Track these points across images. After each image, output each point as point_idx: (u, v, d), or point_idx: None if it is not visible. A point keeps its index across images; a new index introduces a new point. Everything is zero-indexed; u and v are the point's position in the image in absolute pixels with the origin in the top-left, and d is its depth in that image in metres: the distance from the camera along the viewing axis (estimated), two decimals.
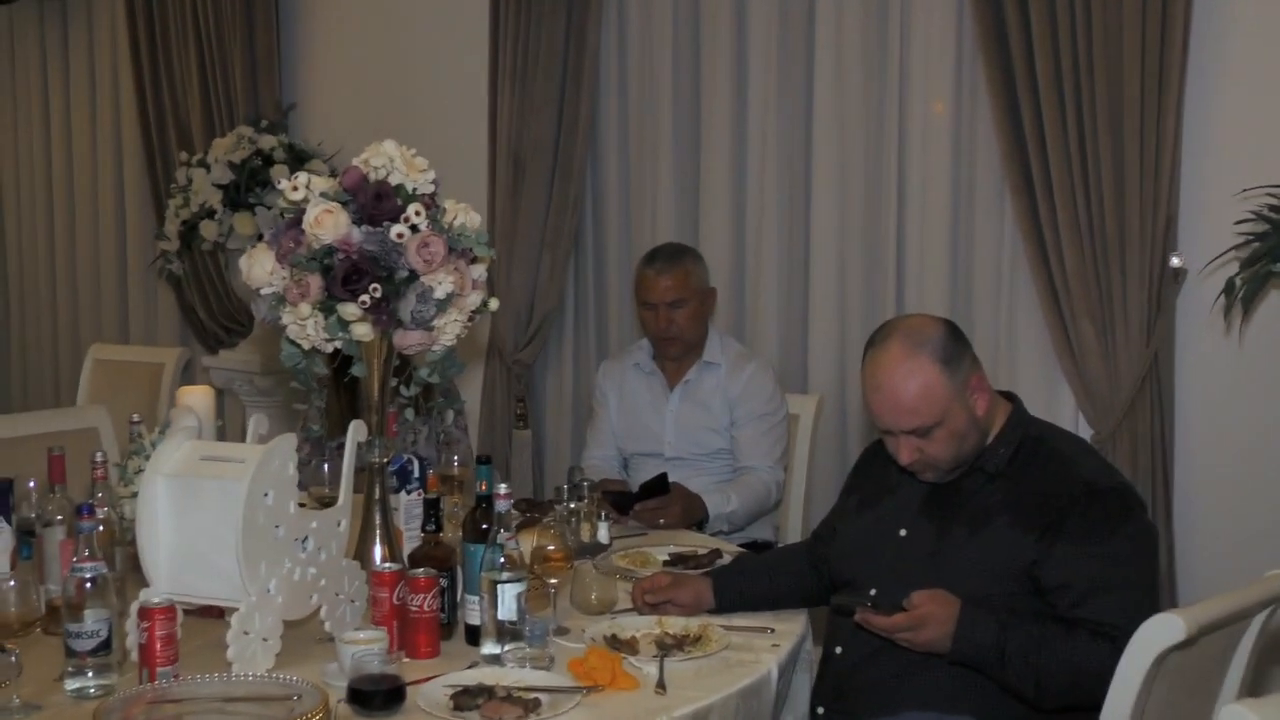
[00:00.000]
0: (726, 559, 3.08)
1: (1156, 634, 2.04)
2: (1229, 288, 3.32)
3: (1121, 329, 3.87)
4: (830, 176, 4.52)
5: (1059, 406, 4.09)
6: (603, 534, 3.18)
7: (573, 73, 4.94)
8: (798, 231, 4.62)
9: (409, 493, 2.98)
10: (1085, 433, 3.96)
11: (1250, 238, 3.37)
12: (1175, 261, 3.81)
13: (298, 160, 5.41)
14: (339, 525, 2.54)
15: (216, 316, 6.00)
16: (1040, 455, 2.52)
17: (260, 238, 3.17)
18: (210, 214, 5.31)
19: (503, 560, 2.43)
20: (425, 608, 2.48)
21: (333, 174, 3.05)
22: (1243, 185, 3.57)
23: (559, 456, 5.16)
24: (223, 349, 5.88)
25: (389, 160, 2.61)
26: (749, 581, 2.82)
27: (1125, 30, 3.79)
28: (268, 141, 5.45)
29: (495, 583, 2.43)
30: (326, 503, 2.73)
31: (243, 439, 2.68)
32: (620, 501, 3.51)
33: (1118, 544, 2.37)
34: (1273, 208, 3.31)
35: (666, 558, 3.15)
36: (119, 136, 6.61)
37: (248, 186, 5.30)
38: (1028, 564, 2.40)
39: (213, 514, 2.33)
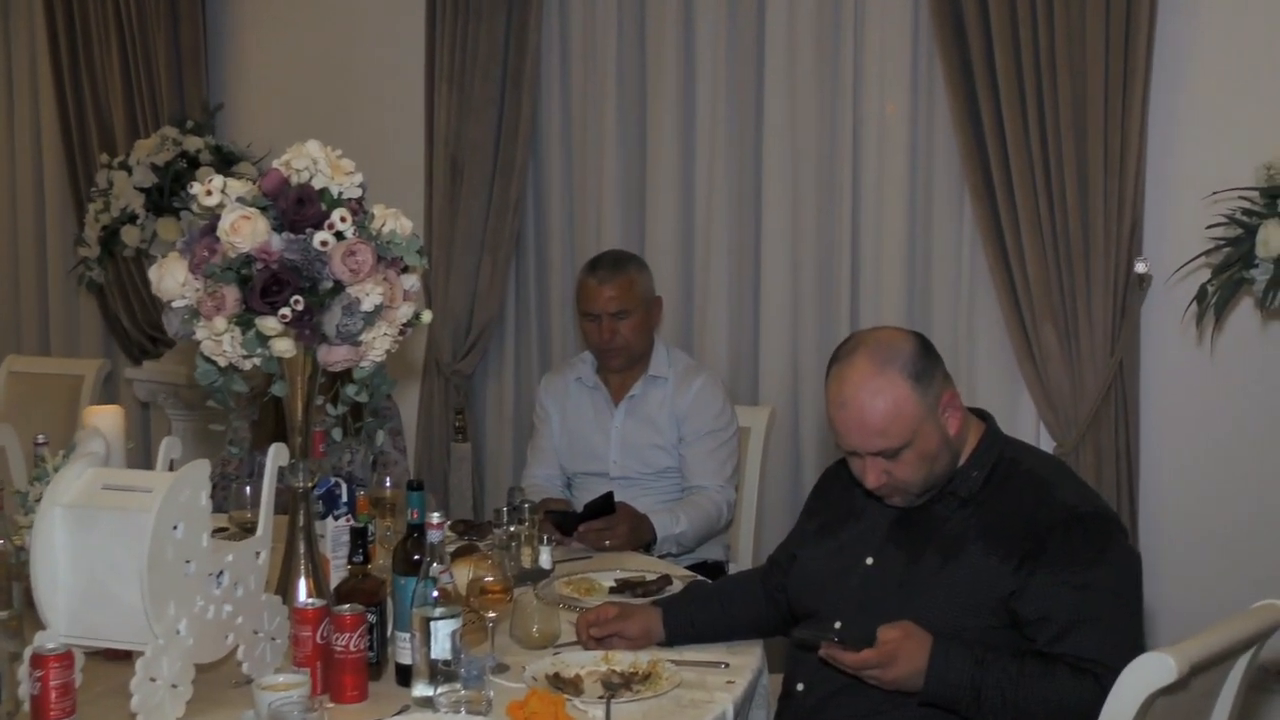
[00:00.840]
0: (677, 585, 2.93)
1: (1146, 675, 1.89)
2: (1201, 295, 3.21)
3: (1085, 336, 3.78)
4: (782, 179, 4.39)
5: (1020, 416, 4.00)
6: (545, 559, 3.09)
7: (513, 72, 4.78)
8: (748, 236, 4.49)
9: (336, 519, 2.81)
10: (1047, 444, 3.87)
11: (1221, 242, 3.25)
12: (1140, 267, 3.70)
13: (225, 162, 5.25)
14: (258, 557, 2.36)
15: (141, 326, 5.76)
16: (1016, 478, 2.38)
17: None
18: (132, 219, 5.12)
19: (436, 594, 2.28)
20: (352, 647, 2.30)
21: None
22: (1209, 188, 3.48)
23: (500, 471, 5.01)
24: (148, 360, 5.65)
25: (312, 162, 2.43)
26: (701, 611, 2.67)
27: (1088, 24, 3.69)
28: (193, 143, 5.29)
29: (428, 619, 2.27)
30: (249, 528, 2.55)
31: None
32: (563, 522, 3.37)
33: (1100, 573, 2.24)
34: (1246, 211, 3.19)
35: (613, 584, 3.00)
36: (38, 137, 6.35)
37: (172, 190, 5.11)
38: (1005, 595, 2.26)
39: (116, 549, 2.14)
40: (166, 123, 5.46)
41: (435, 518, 2.33)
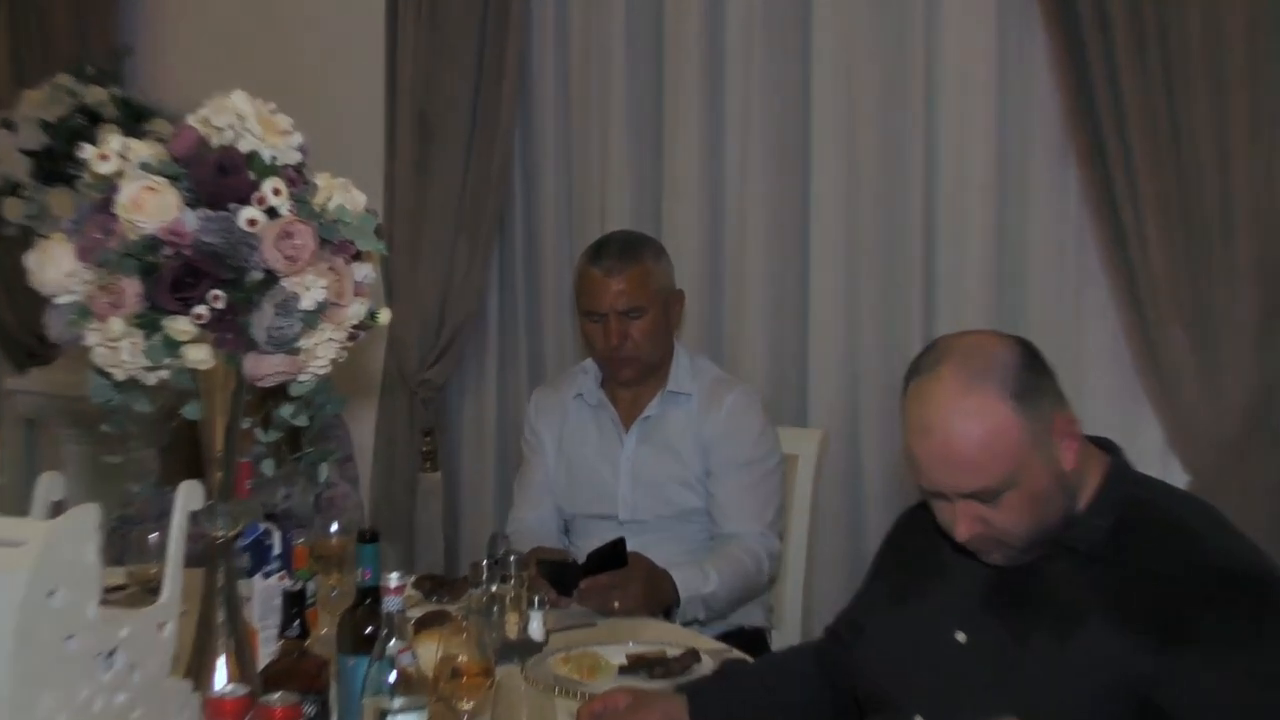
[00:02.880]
0: (707, 664, 2.87)
1: None
2: None
3: (1226, 341, 3.71)
4: (835, 143, 4.33)
5: (1142, 444, 3.89)
6: (535, 627, 3.05)
7: (495, 9, 4.74)
8: (792, 214, 4.43)
9: (266, 577, 2.79)
10: (1178, 479, 3.76)
11: None
12: None
13: (135, 119, 5.25)
14: (162, 630, 2.27)
15: (28, 323, 5.70)
16: (1152, 528, 2.28)
17: None
18: (15, 189, 5.08)
19: (394, 679, 2.22)
20: None
21: None
22: None
23: (479, 509, 5.02)
24: (36, 366, 5.59)
25: (238, 119, 2.39)
26: (738, 699, 2.61)
27: None
28: (95, 94, 5.30)
29: (384, 712, 2.21)
30: (153, 588, 2.47)
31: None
32: (560, 577, 3.32)
33: (1271, 655, 2.13)
34: None
35: (624, 661, 2.93)
36: None
37: (66, 153, 5.04)
38: (1140, 682, 2.16)
39: None
40: (61, 70, 5.42)
41: (394, 580, 2.28)
